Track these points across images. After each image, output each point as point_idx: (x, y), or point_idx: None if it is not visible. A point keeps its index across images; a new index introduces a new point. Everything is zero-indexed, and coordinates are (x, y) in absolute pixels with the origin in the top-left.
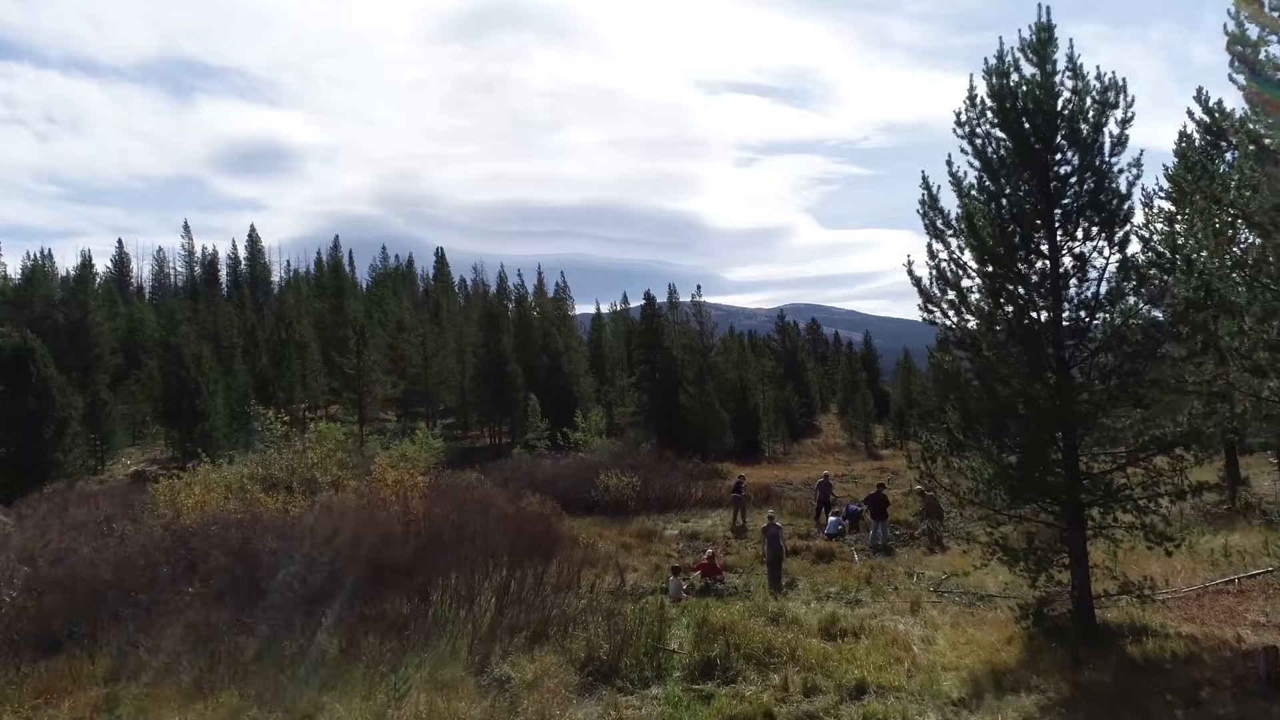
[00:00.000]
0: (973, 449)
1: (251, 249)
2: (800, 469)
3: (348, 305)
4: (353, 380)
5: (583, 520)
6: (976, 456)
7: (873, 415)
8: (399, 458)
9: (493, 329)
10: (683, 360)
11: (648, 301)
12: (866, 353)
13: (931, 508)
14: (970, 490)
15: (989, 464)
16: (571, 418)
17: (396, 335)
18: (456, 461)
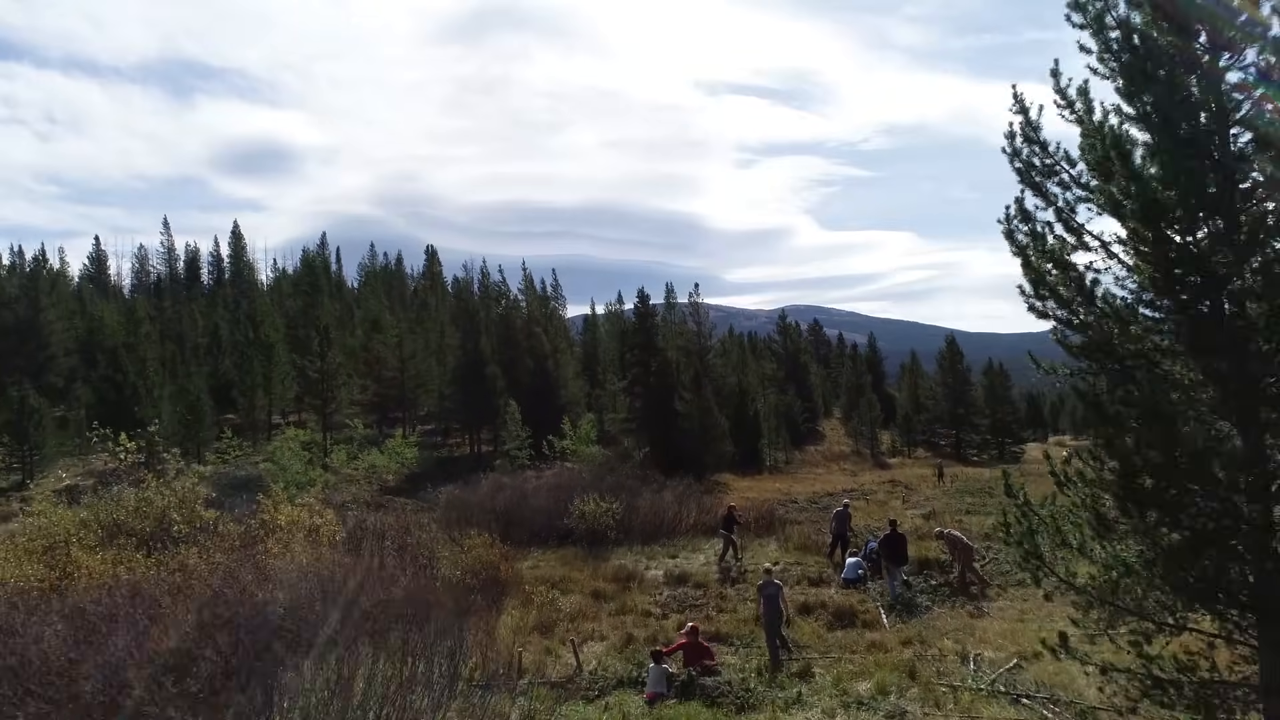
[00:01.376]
0: (1130, 522)
1: (235, 246)
2: (804, 480)
3: (323, 304)
4: (316, 384)
5: (553, 555)
6: (1128, 536)
7: (879, 421)
8: (366, 469)
9: (471, 329)
10: (678, 363)
11: (641, 301)
12: (871, 355)
13: (958, 548)
14: (1103, 585)
15: (1146, 546)
16: (558, 425)
17: (371, 336)
18: (431, 473)
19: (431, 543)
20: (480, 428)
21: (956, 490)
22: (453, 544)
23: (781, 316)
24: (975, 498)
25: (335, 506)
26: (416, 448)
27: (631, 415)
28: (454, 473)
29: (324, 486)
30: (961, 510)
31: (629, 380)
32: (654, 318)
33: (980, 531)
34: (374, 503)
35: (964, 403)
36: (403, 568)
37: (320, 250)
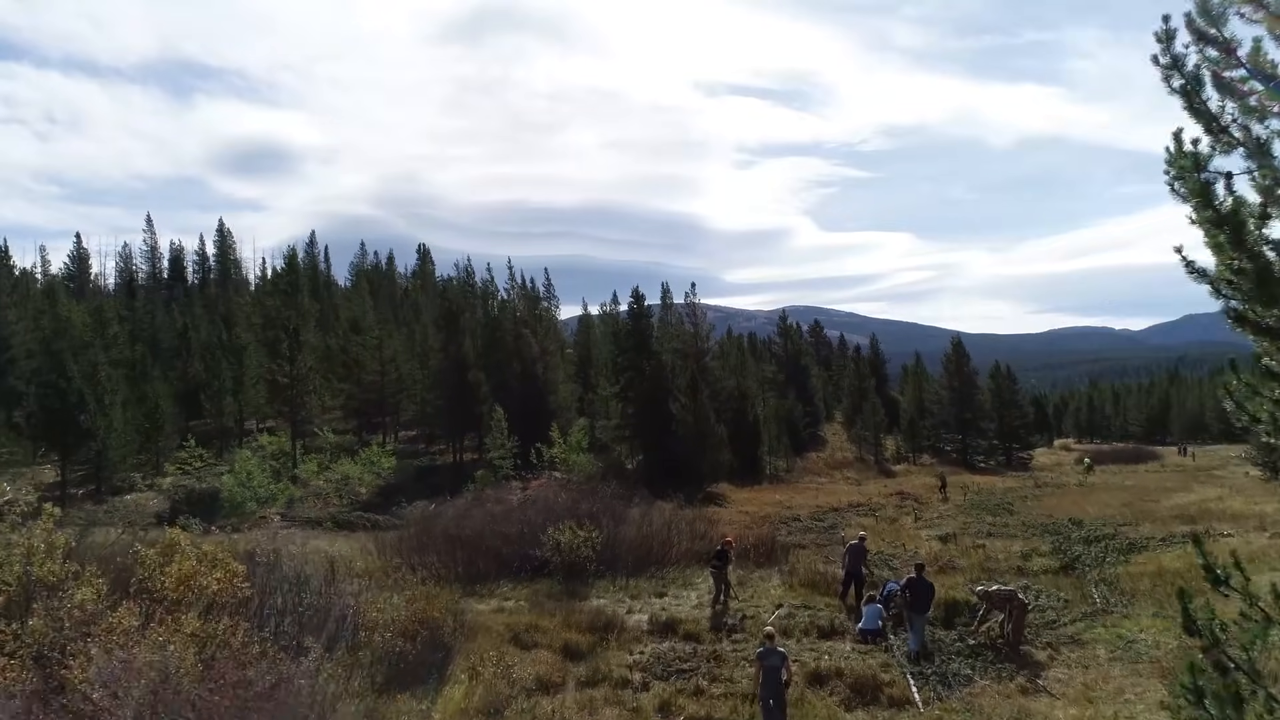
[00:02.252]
0: None
1: (221, 245)
2: (806, 491)
3: (303, 303)
4: (284, 390)
5: (525, 590)
6: None
7: (883, 426)
8: (338, 481)
9: (453, 331)
10: (673, 367)
11: (635, 301)
12: (874, 357)
13: (1011, 603)
14: None
15: None
16: (547, 432)
17: (350, 338)
18: (409, 484)
19: (358, 602)
20: (463, 435)
21: (970, 505)
22: (403, 582)
23: (782, 317)
24: (994, 516)
25: (299, 524)
26: (394, 456)
27: (624, 422)
28: (434, 484)
29: (287, 502)
30: (982, 532)
31: (622, 385)
32: (648, 319)
33: (1008, 562)
34: (341, 520)
35: (971, 407)
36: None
37: (309, 249)
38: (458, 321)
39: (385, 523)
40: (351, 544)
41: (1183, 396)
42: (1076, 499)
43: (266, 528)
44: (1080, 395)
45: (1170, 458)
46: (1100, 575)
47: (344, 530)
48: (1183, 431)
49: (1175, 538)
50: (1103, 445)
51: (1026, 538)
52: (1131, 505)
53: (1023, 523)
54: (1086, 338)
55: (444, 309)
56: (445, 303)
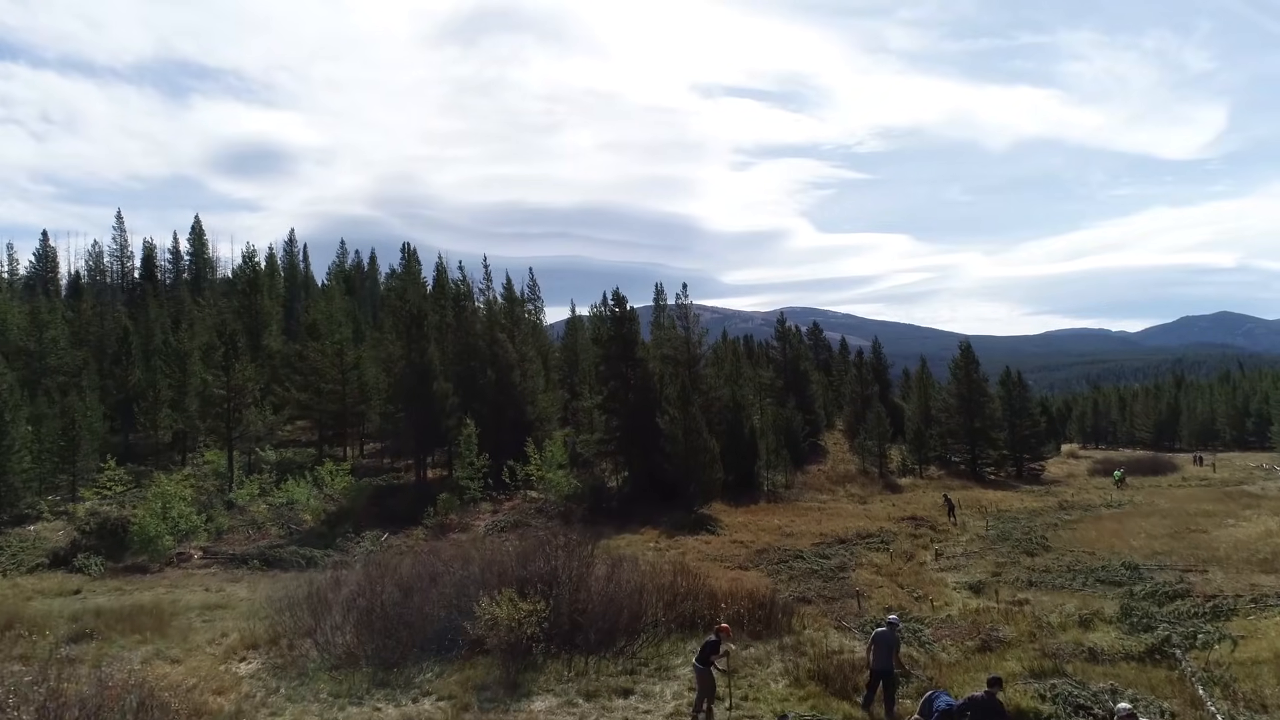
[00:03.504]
0: None
1: (196, 243)
2: (807, 512)
3: (261, 305)
4: (218, 402)
5: (451, 679)
6: None
7: (887, 436)
8: (281, 508)
9: (416, 336)
10: (662, 375)
11: (617, 304)
12: (876, 362)
13: None
14: None
15: None
16: (524, 446)
17: (307, 343)
18: (364, 509)
19: None
20: (429, 451)
21: (995, 537)
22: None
23: (780, 320)
24: (1029, 554)
25: (221, 563)
26: (351, 475)
27: (608, 436)
28: (393, 507)
29: (217, 533)
30: (1020, 580)
31: (605, 396)
32: (632, 324)
33: (1065, 631)
34: (271, 557)
35: (981, 415)
36: None
37: (288, 247)
38: (421, 325)
39: (324, 559)
40: (261, 591)
41: (1192, 402)
42: (1113, 527)
43: (182, 567)
44: (1085, 400)
45: (1187, 467)
46: (1204, 665)
47: (273, 569)
48: (1193, 437)
49: (1269, 598)
50: (1112, 451)
51: (1076, 588)
52: (1180, 536)
53: (1065, 565)
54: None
55: (406, 311)
56: (407, 304)
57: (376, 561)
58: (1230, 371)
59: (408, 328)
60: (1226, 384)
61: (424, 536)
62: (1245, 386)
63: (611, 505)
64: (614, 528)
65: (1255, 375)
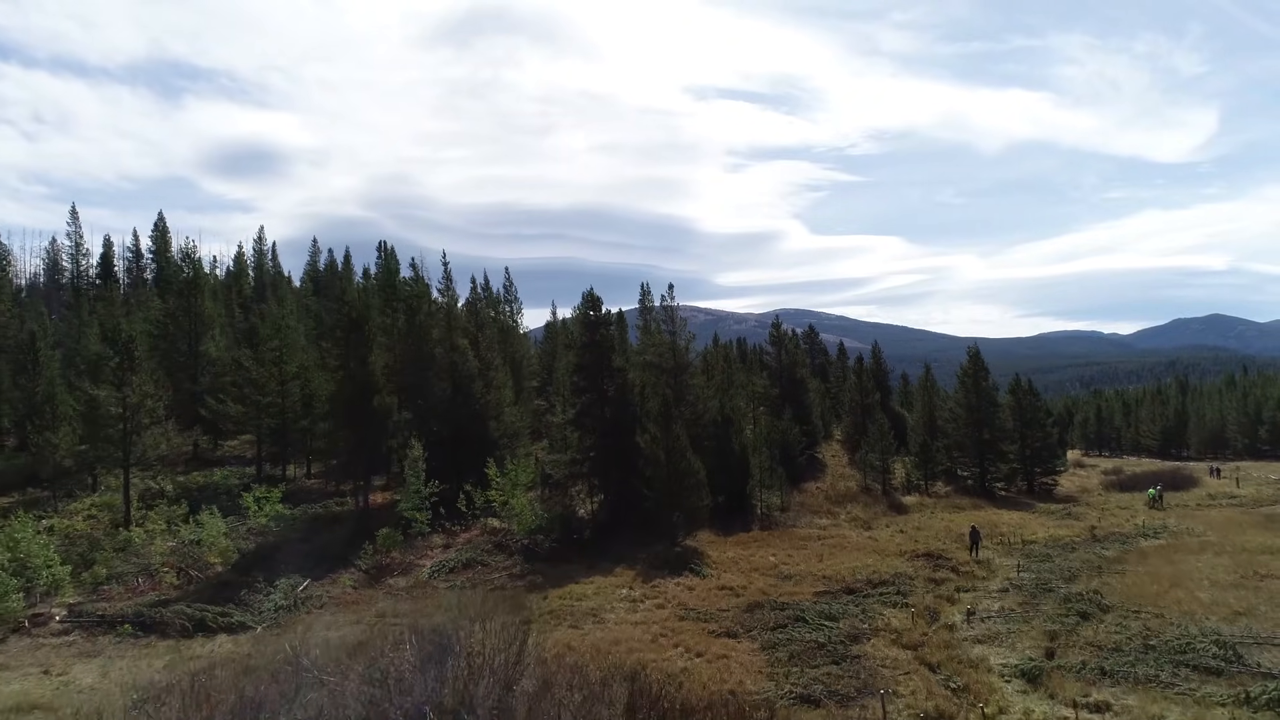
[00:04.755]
0: None
1: (159, 241)
2: (806, 544)
3: (202, 306)
4: (108, 423)
5: None
6: None
7: (891, 449)
8: (183, 551)
9: (356, 342)
10: (643, 387)
11: (591, 307)
12: (877, 367)
13: None
14: None
15: None
16: (501, 465)
17: (242, 351)
18: (292, 544)
19: None
20: (373, 475)
21: (1034, 585)
22: None
23: (775, 325)
24: (1089, 619)
25: (86, 626)
26: (283, 503)
27: (581, 456)
28: (326, 543)
29: (91, 586)
30: (1091, 668)
31: (578, 410)
32: (609, 328)
33: None
34: (150, 620)
35: (990, 426)
36: None
37: (257, 245)
38: (362, 331)
39: (218, 620)
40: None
41: (1200, 408)
42: (1167, 571)
43: (34, 634)
44: (1087, 405)
45: (1204, 478)
46: None
47: (151, 634)
48: (1202, 445)
49: None
50: (1119, 460)
51: (1165, 680)
52: (1251, 584)
53: (1135, 636)
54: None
55: (344, 315)
56: (345, 306)
57: (202, 685)
58: (1234, 375)
59: (346, 334)
60: (1232, 389)
61: (353, 583)
62: (1256, 393)
63: (584, 536)
64: (584, 565)
65: (1262, 380)
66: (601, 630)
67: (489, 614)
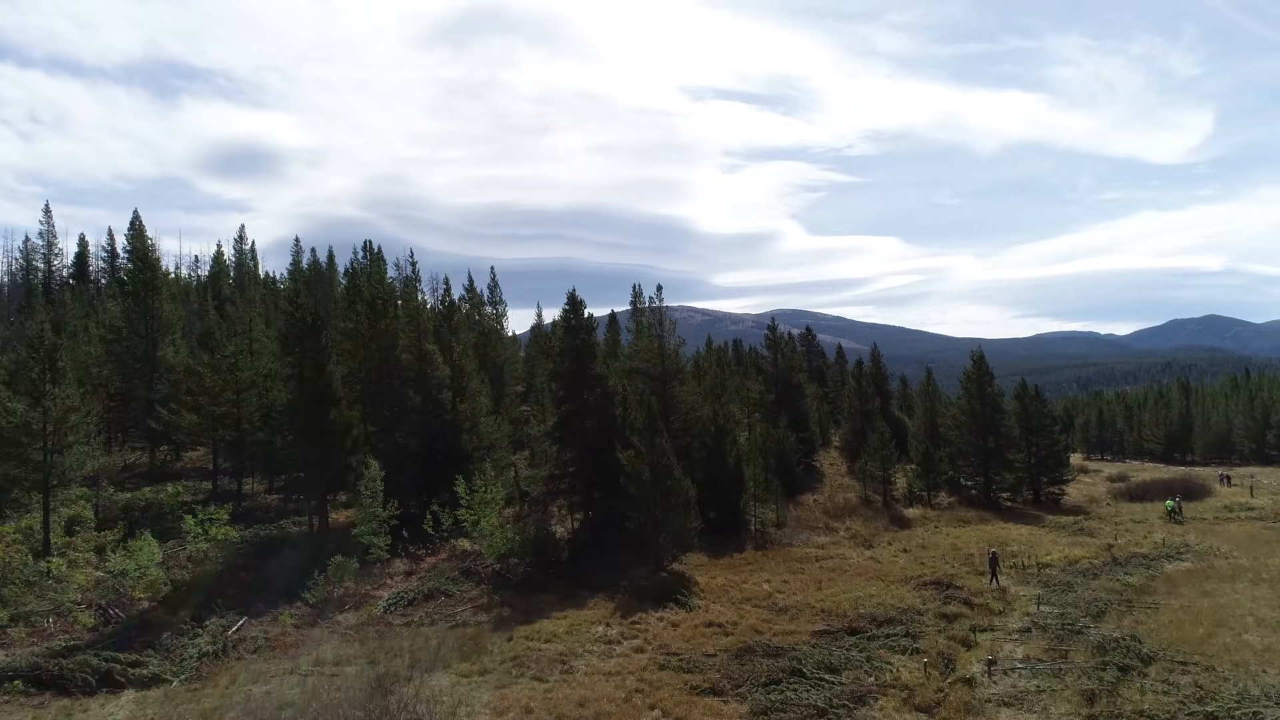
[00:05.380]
0: None
1: (135, 240)
2: (804, 566)
3: (158, 306)
4: (26, 439)
5: None
6: None
7: (893, 458)
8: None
9: (311, 349)
10: (626, 396)
11: (571, 310)
12: (876, 371)
13: None
14: None
15: None
16: (470, 482)
17: (197, 356)
18: (235, 573)
19: None
20: (330, 493)
21: (1059, 621)
22: None
23: (771, 328)
24: (1130, 673)
25: None
26: (231, 525)
27: (561, 472)
28: (276, 570)
29: None
30: None
31: (556, 422)
32: (589, 335)
33: None
34: (47, 674)
35: (995, 434)
36: None
37: (238, 244)
38: (318, 337)
39: (126, 672)
40: None
41: (1205, 411)
42: (1205, 605)
43: None
44: (1088, 407)
45: (1214, 486)
46: None
47: (47, 690)
48: (1207, 449)
49: None
50: (1125, 464)
51: None
52: None
53: (1188, 701)
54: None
55: (299, 318)
56: (299, 309)
57: None
58: (1236, 378)
59: (300, 340)
60: (1236, 391)
61: (296, 621)
62: (1263, 396)
63: (561, 558)
64: (559, 595)
65: (1269, 383)
66: (568, 684)
67: (442, 661)
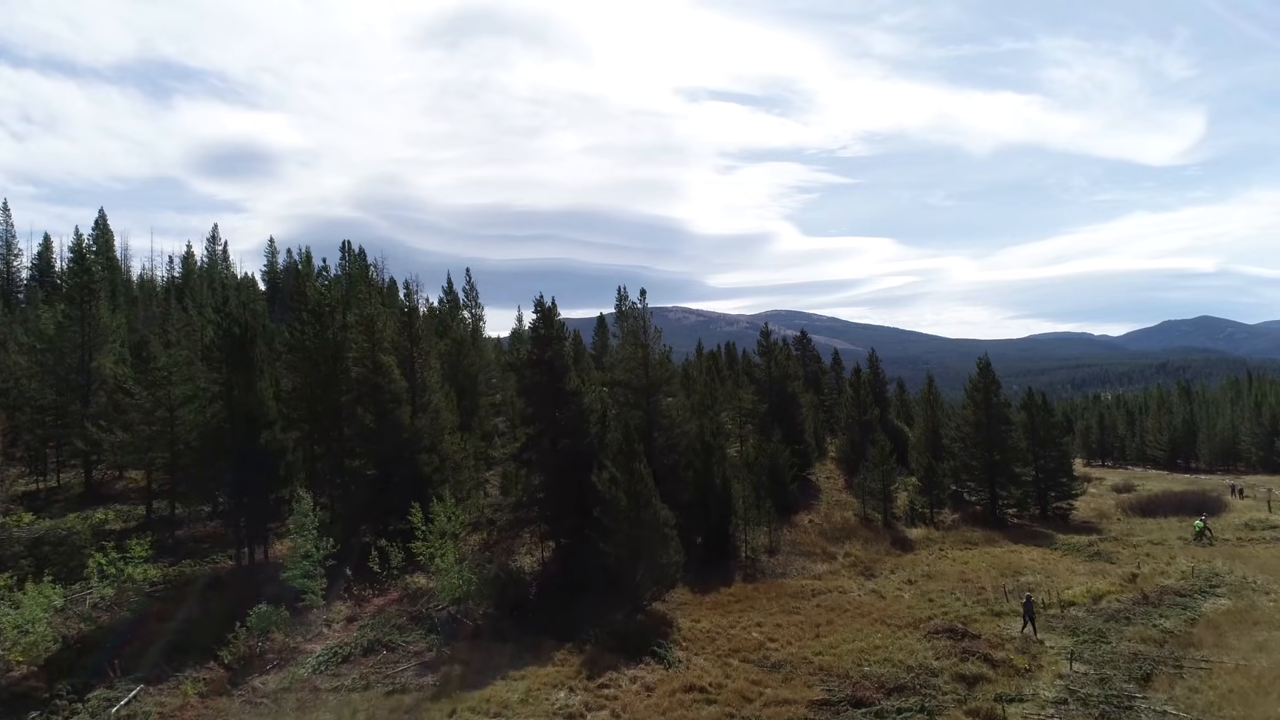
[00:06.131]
0: None
1: (101, 241)
2: (800, 606)
3: (98, 317)
4: None
5: None
6: None
7: (893, 473)
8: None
9: (241, 364)
10: (604, 413)
11: (541, 317)
12: (874, 378)
13: None
14: None
15: None
16: (426, 508)
17: (123, 370)
18: (150, 623)
19: None
20: (263, 525)
21: (1101, 692)
22: None
23: (764, 333)
24: None
25: None
26: (149, 562)
27: (529, 499)
28: (192, 622)
29: None
30: None
31: (522, 443)
32: (559, 345)
33: None
34: None
35: (1001, 447)
36: None
37: (210, 245)
38: (249, 350)
39: None
40: None
41: (1211, 418)
42: (1264, 663)
43: None
44: (1089, 411)
45: (1228, 499)
46: None
47: None
48: (1212, 457)
49: None
50: (1128, 471)
51: None
52: None
53: None
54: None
55: (227, 330)
56: (223, 320)
57: None
58: (1239, 380)
59: (228, 354)
60: (1239, 396)
61: (201, 689)
62: (1270, 402)
63: (528, 598)
64: (520, 645)
65: (1275, 389)
66: None
67: None
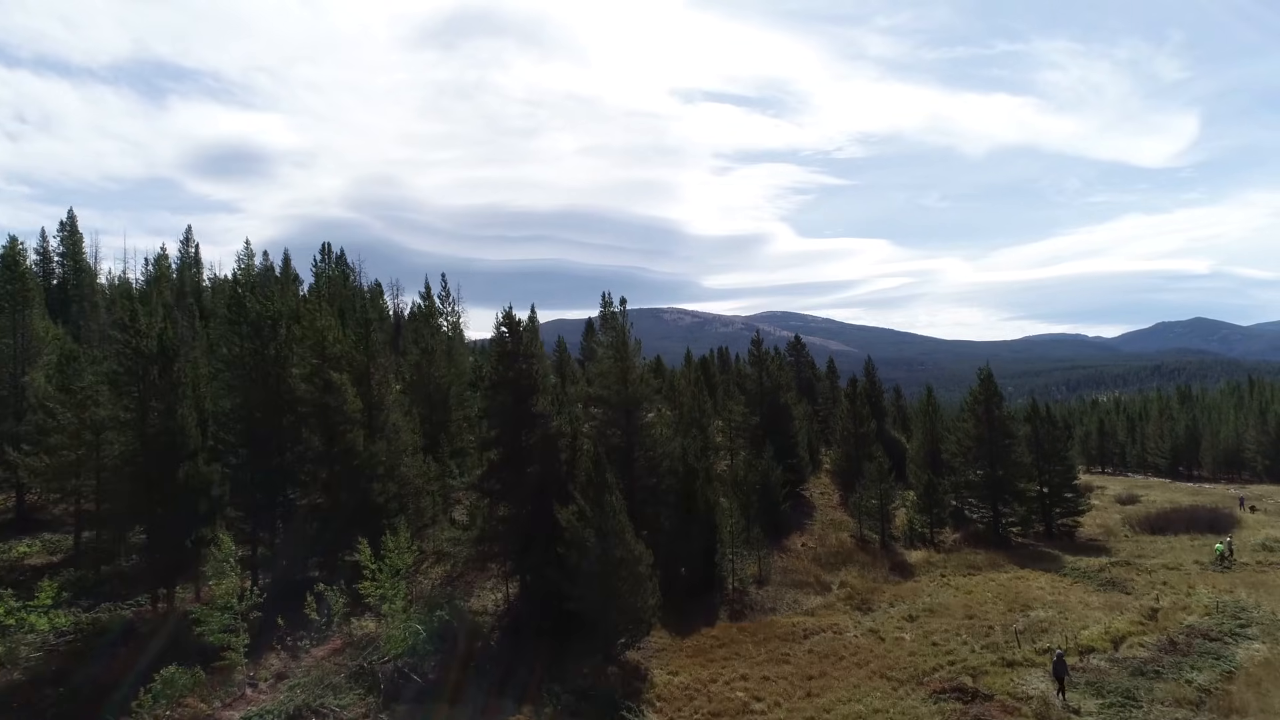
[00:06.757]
0: None
1: (69, 243)
2: (791, 652)
3: (30, 328)
4: None
5: None
6: None
7: (892, 491)
8: None
9: (160, 386)
10: (575, 436)
11: (507, 328)
12: (870, 387)
13: None
14: None
15: None
16: (376, 543)
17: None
18: (45, 681)
19: None
20: (180, 568)
21: None
22: None
23: (756, 342)
24: None
25: None
26: (60, 607)
27: (491, 532)
28: (94, 683)
29: None
30: None
31: (484, 470)
32: (527, 363)
33: None
34: None
35: (1005, 462)
36: None
37: (184, 246)
38: (168, 369)
39: None
40: None
41: (1214, 425)
42: None
43: None
44: (1088, 417)
45: (1237, 512)
46: None
47: None
48: (1216, 465)
49: None
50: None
51: None
52: None
53: None
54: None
55: (134, 348)
56: (132, 336)
57: None
58: (1240, 384)
59: (142, 374)
60: (1242, 403)
61: None
62: (1276, 409)
63: (489, 647)
64: (473, 707)
65: (1277, 393)
66: None
67: None
